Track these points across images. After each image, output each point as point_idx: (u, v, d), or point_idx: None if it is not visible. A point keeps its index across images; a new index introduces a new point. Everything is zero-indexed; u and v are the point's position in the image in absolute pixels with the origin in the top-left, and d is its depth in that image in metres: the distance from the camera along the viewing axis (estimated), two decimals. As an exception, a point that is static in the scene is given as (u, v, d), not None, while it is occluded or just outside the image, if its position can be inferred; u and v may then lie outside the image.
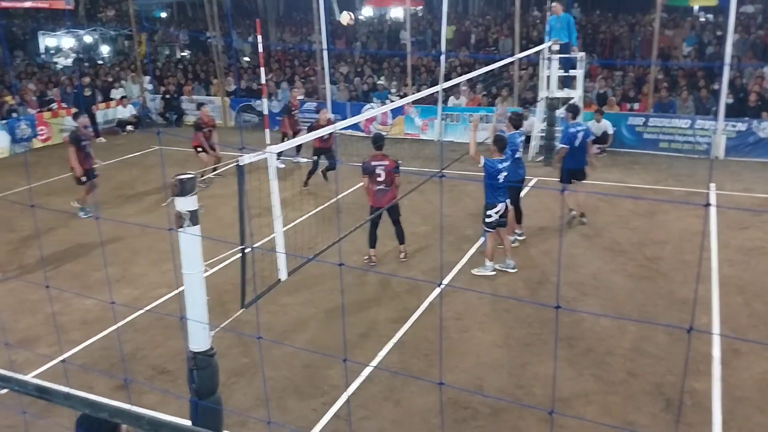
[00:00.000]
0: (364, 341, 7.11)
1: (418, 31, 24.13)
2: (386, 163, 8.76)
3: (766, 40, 18.62)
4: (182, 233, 3.66)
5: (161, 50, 27.65)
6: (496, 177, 8.33)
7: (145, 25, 24.27)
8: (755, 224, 10.02)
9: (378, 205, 8.83)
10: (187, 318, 3.82)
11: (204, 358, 3.93)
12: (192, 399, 4.01)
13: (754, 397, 5.94)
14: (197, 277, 3.82)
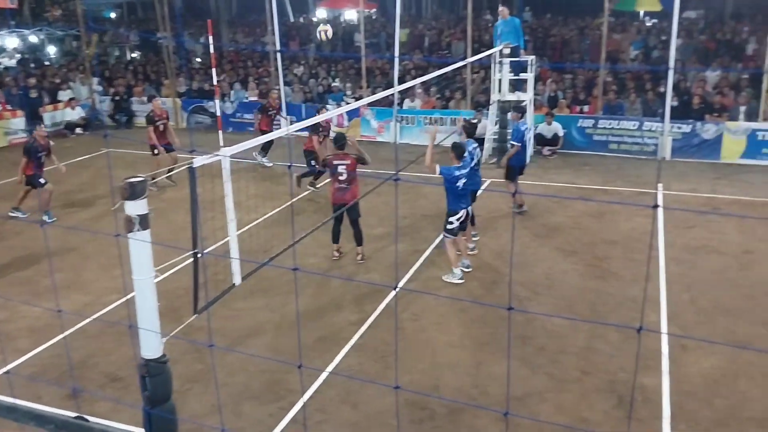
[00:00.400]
0: (321, 344, 7.08)
1: (372, 33, 24.17)
2: (348, 162, 8.87)
3: (708, 44, 19.24)
4: (132, 238, 3.58)
5: (111, 51, 27.02)
6: (455, 184, 8.41)
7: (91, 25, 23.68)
8: (700, 223, 10.34)
9: (339, 201, 8.95)
10: (137, 326, 3.74)
11: (156, 366, 3.85)
12: (145, 407, 3.92)
13: (701, 392, 6.12)
14: (148, 283, 3.74)
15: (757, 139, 13.81)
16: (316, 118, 9.02)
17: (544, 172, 13.74)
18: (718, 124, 14.13)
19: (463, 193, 8.55)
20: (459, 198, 8.53)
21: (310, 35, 25.49)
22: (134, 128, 18.82)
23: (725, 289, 8.22)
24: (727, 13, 26.24)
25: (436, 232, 10.16)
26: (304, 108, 17.52)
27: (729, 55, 18.26)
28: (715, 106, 14.69)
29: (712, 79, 16.18)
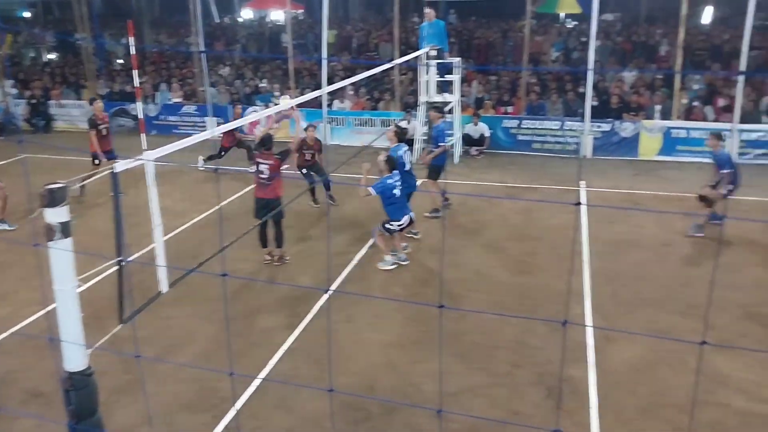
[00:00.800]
0: (254, 350, 6.98)
1: (299, 34, 24.02)
2: (271, 162, 8.83)
3: (625, 46, 20.05)
4: (53, 247, 3.44)
5: (25, 52, 25.79)
6: (392, 192, 8.54)
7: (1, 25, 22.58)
8: (621, 218, 10.76)
9: (260, 195, 8.95)
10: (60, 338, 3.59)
11: (81, 378, 3.71)
12: (70, 423, 3.78)
13: (625, 381, 6.37)
14: (70, 293, 3.60)
15: (672, 136, 14.48)
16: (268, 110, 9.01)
17: (472, 171, 14.00)
18: (636, 122, 14.75)
19: (401, 201, 8.69)
20: (399, 206, 8.68)
21: (235, 36, 25.11)
22: (53, 133, 18.07)
23: (645, 280, 8.58)
24: (642, 16, 27.44)
25: (368, 234, 10.20)
26: (230, 109, 17.24)
27: (644, 56, 19.09)
28: (633, 105, 15.33)
29: (629, 79, 16.86)
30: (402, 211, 8.78)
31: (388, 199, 8.69)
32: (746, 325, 7.34)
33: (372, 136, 16.12)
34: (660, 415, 5.85)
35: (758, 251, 9.29)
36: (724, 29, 21.19)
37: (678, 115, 14.89)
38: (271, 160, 8.88)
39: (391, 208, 8.76)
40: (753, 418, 5.75)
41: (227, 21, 30.88)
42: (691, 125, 14.51)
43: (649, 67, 18.10)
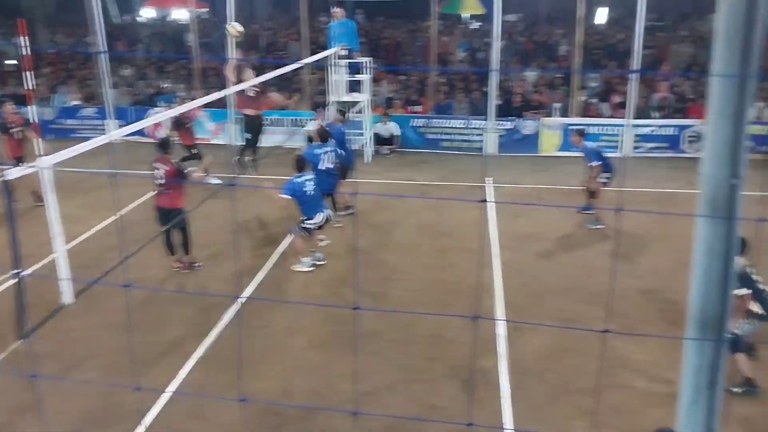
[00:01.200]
0: (165, 359, 6.78)
1: (204, 33, 23.46)
2: (167, 167, 8.54)
3: (527, 46, 20.75)
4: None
5: None
6: (303, 192, 8.52)
7: None
8: (527, 212, 11.15)
9: (158, 204, 8.72)
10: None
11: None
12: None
13: (535, 369, 6.62)
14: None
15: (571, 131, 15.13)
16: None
17: (384, 170, 14.13)
18: (537, 120, 15.31)
19: (314, 199, 8.65)
20: (313, 204, 8.65)
21: (137, 35, 24.24)
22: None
23: (552, 271, 8.95)
24: (543, 17, 28.47)
25: (282, 235, 10.11)
26: (132, 111, 16.65)
27: (545, 55, 19.83)
28: (534, 103, 15.90)
29: (531, 78, 17.48)
30: (316, 210, 8.75)
31: (300, 198, 8.65)
32: (646, 311, 7.78)
33: (282, 137, 15.99)
34: (568, 400, 6.11)
35: (654, 240, 9.85)
36: (619, 29, 22.31)
37: (576, 112, 15.57)
38: (167, 165, 8.59)
39: (304, 207, 8.72)
40: (654, 397, 6.11)
41: (128, 20, 29.74)
42: (589, 121, 15.21)
43: (549, 67, 18.81)
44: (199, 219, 10.73)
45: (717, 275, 1.59)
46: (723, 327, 1.61)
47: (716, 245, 1.57)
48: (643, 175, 13.47)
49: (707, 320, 1.62)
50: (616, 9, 27.45)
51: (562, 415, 5.92)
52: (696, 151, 14.57)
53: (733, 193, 1.54)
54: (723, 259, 1.58)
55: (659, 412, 5.82)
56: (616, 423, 5.75)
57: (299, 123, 16.05)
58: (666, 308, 7.73)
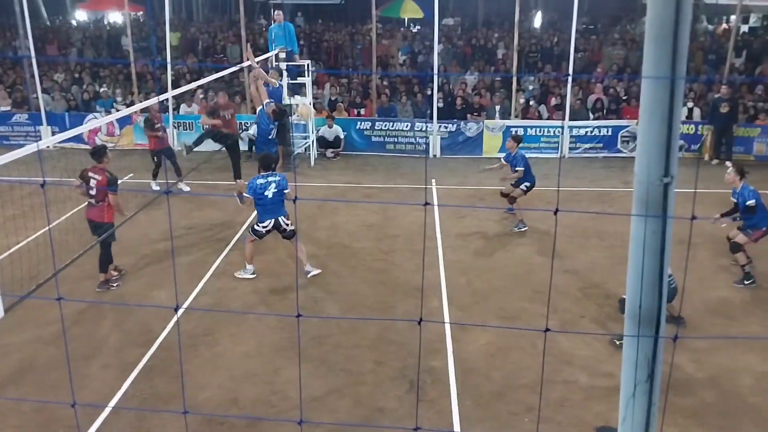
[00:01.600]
0: (107, 372, 6.58)
1: (140, 37, 22.93)
2: (99, 177, 8.22)
3: (465, 50, 21.06)
4: None
5: None
6: (263, 194, 8.33)
7: None
8: (469, 213, 11.30)
9: (88, 216, 8.45)
10: None
11: None
12: None
13: (481, 367, 6.71)
14: None
15: (512, 134, 15.35)
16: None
17: (329, 173, 14.10)
18: (479, 122, 15.54)
19: (273, 203, 8.42)
20: (267, 209, 8.43)
21: (70, 39, 23.47)
22: None
23: (495, 270, 9.09)
24: (480, 21, 28.94)
25: (224, 242, 9.96)
26: (67, 117, 16.12)
27: (484, 59, 20.15)
28: (475, 106, 16.13)
29: (471, 81, 17.73)
30: (266, 214, 8.50)
31: (258, 200, 8.44)
32: (585, 306, 7.98)
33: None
34: (514, 396, 6.21)
35: (591, 238, 10.13)
36: (553, 33, 22.88)
37: (516, 114, 15.88)
38: (100, 174, 8.24)
39: (259, 209, 8.53)
40: (596, 391, 6.27)
41: (60, 23, 28.78)
42: (528, 123, 15.53)
43: (488, 70, 19.13)
44: (139, 227, 10.48)
45: (651, 271, 1.64)
46: (659, 322, 1.67)
47: (650, 242, 1.63)
48: (580, 174, 13.84)
49: (643, 315, 1.67)
50: (550, 13, 28.16)
51: (508, 411, 6.01)
52: (630, 151, 15.06)
53: (665, 191, 1.59)
54: (657, 255, 1.63)
55: (601, 406, 5.99)
56: (560, 418, 5.88)
57: (241, 126, 15.83)
58: (605, 303, 7.96)
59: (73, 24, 28.43)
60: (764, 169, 13.06)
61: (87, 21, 29.24)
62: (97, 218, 8.36)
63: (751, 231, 8.41)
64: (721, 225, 8.83)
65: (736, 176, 8.47)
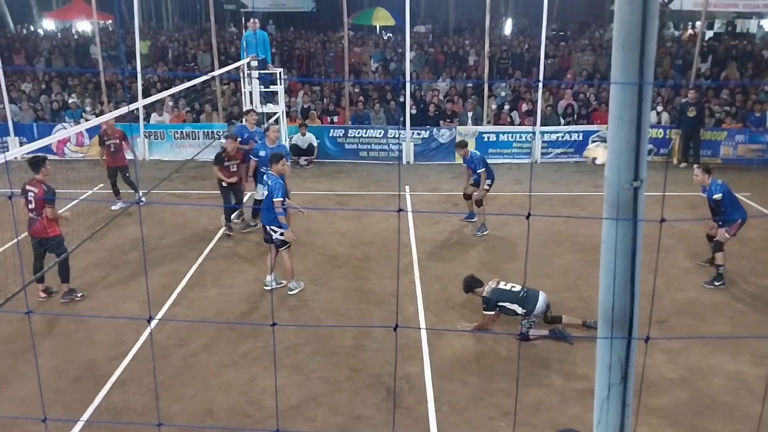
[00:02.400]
0: (79, 385, 6.46)
1: (109, 45, 22.67)
2: (36, 190, 7.99)
3: (438, 57, 21.19)
4: None
5: None
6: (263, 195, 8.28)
7: None
8: (443, 219, 11.35)
9: (31, 233, 8.13)
10: None
11: None
12: None
13: (457, 372, 6.72)
14: None
15: (484, 140, 15.52)
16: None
17: (303, 181, 14.02)
18: (451, 129, 15.63)
19: (264, 206, 8.43)
20: (262, 210, 8.42)
21: (37, 48, 23.11)
22: None
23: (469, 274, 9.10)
24: (451, 28, 29.16)
25: (196, 251, 9.87)
26: (36, 127, 15.87)
27: (455, 65, 20.30)
28: (448, 112, 16.23)
29: (443, 88, 17.84)
30: (262, 215, 8.47)
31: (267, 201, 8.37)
32: (559, 309, 8.03)
33: (195, 150, 15.62)
34: (490, 401, 6.23)
35: (563, 242, 10.23)
36: (523, 39, 23.13)
37: (488, 120, 16.00)
38: (38, 187, 8.00)
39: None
40: (571, 393, 6.32)
41: (27, 32, 28.32)
42: (500, 129, 15.66)
43: (460, 77, 19.27)
44: (108, 236, 10.34)
45: (622, 274, 1.67)
46: (631, 324, 1.69)
47: (621, 245, 1.65)
48: (552, 179, 13.99)
49: (616, 318, 1.69)
50: (521, 20, 28.47)
51: (484, 415, 6.03)
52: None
53: (635, 194, 1.62)
54: (628, 258, 1.65)
55: (576, 408, 6.04)
56: (536, 421, 5.91)
57: (212, 135, 15.75)
58: (577, 306, 8.03)
59: (41, 33, 27.99)
60: (731, 172, 13.32)
61: (55, 30, 28.82)
62: (42, 234, 8.04)
63: (727, 226, 8.52)
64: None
65: (704, 174, 8.65)
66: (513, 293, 7.26)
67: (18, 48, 22.69)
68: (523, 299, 7.19)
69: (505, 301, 7.22)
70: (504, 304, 7.23)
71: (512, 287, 7.33)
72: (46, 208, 7.96)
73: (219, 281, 8.92)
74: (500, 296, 7.25)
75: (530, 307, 7.15)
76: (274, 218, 8.25)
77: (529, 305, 7.16)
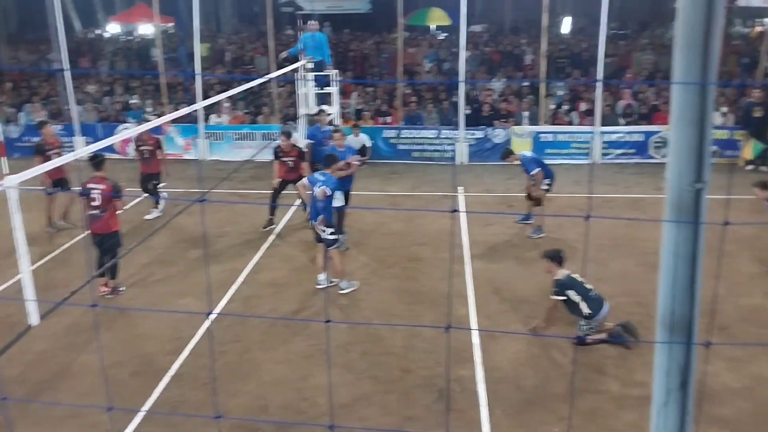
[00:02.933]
0: (137, 379, 6.67)
1: (170, 48, 23.30)
2: (102, 186, 8.21)
3: (493, 56, 21.00)
4: None
5: None
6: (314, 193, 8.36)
7: None
8: (498, 220, 11.23)
9: (93, 231, 8.34)
10: None
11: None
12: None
13: (511, 376, 6.65)
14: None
15: (540, 140, 15.30)
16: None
17: (356, 181, 14.10)
18: (506, 129, 15.46)
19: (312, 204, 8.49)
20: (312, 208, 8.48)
21: (102, 51, 23.95)
22: None
23: (522, 278, 9.01)
24: (507, 27, 28.85)
25: (253, 250, 10.04)
26: (100, 127, 16.44)
27: (511, 65, 20.07)
28: (503, 112, 16.06)
29: (498, 88, 17.66)
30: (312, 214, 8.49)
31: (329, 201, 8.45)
32: (617, 315, 7.85)
33: (253, 150, 15.91)
34: (544, 406, 6.14)
35: (623, 245, 9.99)
36: (582, 38, 22.70)
37: (545, 120, 15.77)
38: (103, 184, 8.21)
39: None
40: (627, 400, 6.17)
41: (92, 36, 29.38)
42: (557, 129, 15.42)
43: (515, 76, 19.05)
44: (167, 232, 10.64)
45: (684, 278, 1.62)
46: (691, 329, 1.64)
47: (682, 248, 1.60)
48: (612, 180, 13.69)
49: (675, 323, 1.64)
50: (579, 18, 27.94)
51: (538, 420, 5.95)
52: (662, 157, 14.84)
53: (697, 197, 1.57)
54: (689, 262, 1.61)
55: (632, 415, 5.89)
56: (591, 427, 5.80)
57: (269, 137, 16.00)
58: (635, 312, 7.83)
59: (105, 36, 28.98)
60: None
61: (118, 33, 29.79)
62: (104, 230, 8.27)
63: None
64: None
65: (763, 191, 8.46)
66: (585, 288, 7.12)
67: (84, 51, 23.55)
68: (592, 299, 7.08)
69: (575, 292, 7.05)
70: (572, 296, 7.06)
71: (585, 283, 7.18)
72: (115, 202, 8.25)
73: (273, 280, 9.06)
74: (573, 285, 7.09)
75: (595, 309, 7.04)
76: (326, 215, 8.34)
77: (594, 307, 7.04)
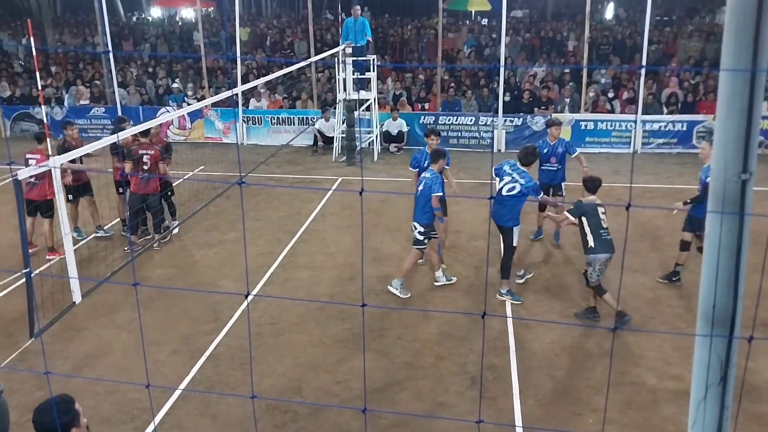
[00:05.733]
0: (175, 358, 6.81)
1: (211, 32, 23.53)
2: (152, 152, 9.29)
3: (534, 42, 20.69)
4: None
5: None
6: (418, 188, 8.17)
7: None
8: (535, 210, 11.08)
9: (140, 191, 9.30)
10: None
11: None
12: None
13: (544, 366, 6.60)
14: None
15: (581, 128, 15.07)
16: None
17: (392, 167, 14.13)
18: (546, 116, 15.24)
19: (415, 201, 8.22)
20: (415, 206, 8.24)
21: (144, 35, 24.31)
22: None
23: (559, 266, 8.92)
24: (549, 13, 28.38)
25: (290, 234, 10.13)
26: (141, 110, 16.73)
27: (552, 51, 19.75)
28: (543, 99, 15.84)
29: (539, 74, 17.41)
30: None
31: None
32: (656, 306, 7.74)
33: (290, 135, 16.02)
34: (577, 395, 6.09)
35: (664, 236, 9.80)
36: (626, 25, 22.21)
37: (585, 107, 15.51)
38: (152, 149, 9.31)
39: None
40: (663, 393, 6.07)
41: (135, 20, 29.85)
42: (598, 117, 15.15)
43: (557, 62, 18.75)
44: (207, 215, 10.79)
45: (727, 271, 1.58)
46: (733, 323, 1.60)
47: (725, 240, 1.56)
48: (653, 170, 13.41)
49: (717, 316, 1.61)
50: (623, 4, 27.34)
51: (571, 411, 5.90)
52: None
53: (743, 188, 1.53)
54: (733, 254, 1.57)
55: (669, 409, 5.80)
56: (625, 419, 5.73)
57: (307, 122, 16.09)
58: (676, 304, 7.70)
59: (148, 20, 29.41)
60: None
61: (161, 17, 30.20)
62: (150, 190, 9.31)
63: None
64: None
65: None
66: (600, 223, 7.15)
67: (127, 35, 23.94)
68: (601, 237, 7.10)
69: (588, 220, 7.12)
70: (585, 223, 7.13)
71: (603, 221, 7.19)
72: (161, 164, 9.30)
73: (310, 263, 9.13)
74: (590, 213, 7.17)
75: (598, 248, 7.05)
76: (423, 215, 8.07)
77: (598, 247, 7.07)
